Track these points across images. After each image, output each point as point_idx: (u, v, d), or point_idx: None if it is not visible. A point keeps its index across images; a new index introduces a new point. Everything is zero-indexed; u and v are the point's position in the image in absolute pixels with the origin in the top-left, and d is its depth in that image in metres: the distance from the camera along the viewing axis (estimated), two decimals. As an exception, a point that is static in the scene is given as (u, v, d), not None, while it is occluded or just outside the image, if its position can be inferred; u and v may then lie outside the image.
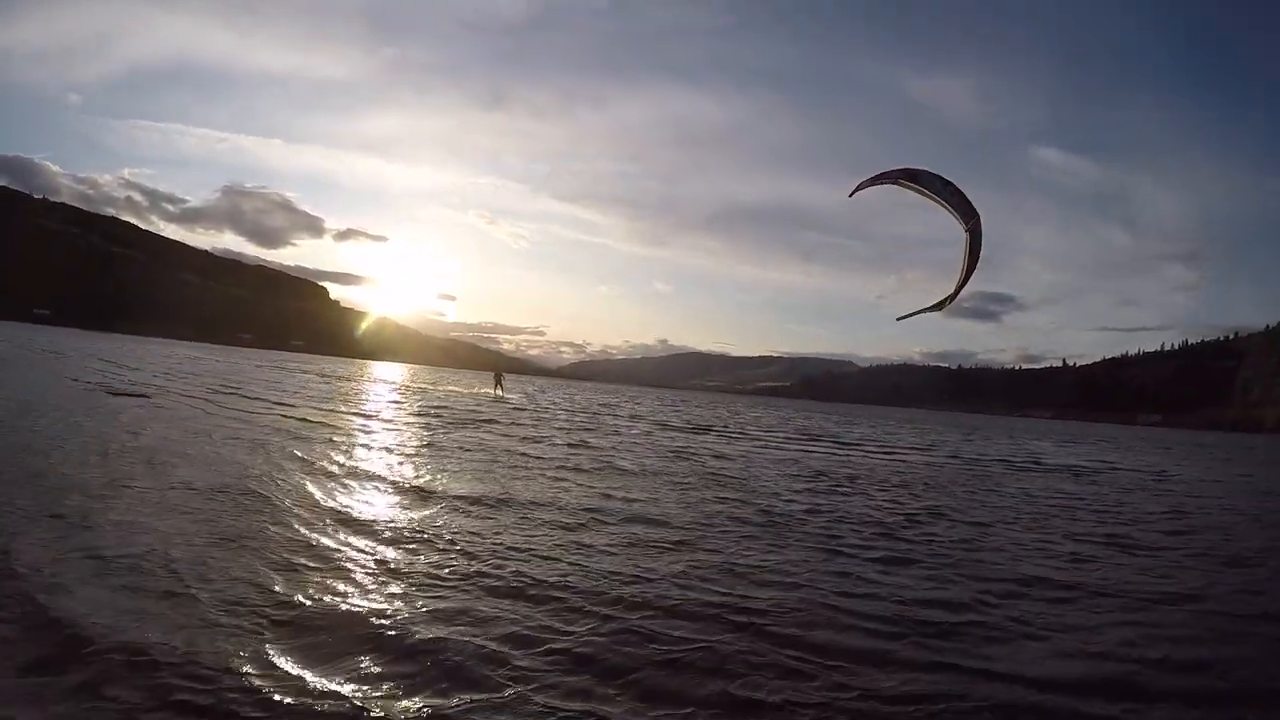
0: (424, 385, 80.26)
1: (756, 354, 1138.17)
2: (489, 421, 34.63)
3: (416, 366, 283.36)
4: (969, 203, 13.04)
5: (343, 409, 34.90)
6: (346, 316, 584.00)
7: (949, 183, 13.05)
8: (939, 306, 14.12)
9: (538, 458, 21.54)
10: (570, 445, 26.51)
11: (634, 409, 67.53)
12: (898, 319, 14.94)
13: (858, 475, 24.94)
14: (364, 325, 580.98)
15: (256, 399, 33.38)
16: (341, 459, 17.45)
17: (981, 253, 13.29)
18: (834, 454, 34.13)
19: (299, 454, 17.45)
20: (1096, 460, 43.49)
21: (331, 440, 20.72)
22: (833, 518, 15.28)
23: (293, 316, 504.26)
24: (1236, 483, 35.54)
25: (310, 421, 26.24)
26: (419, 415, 35.22)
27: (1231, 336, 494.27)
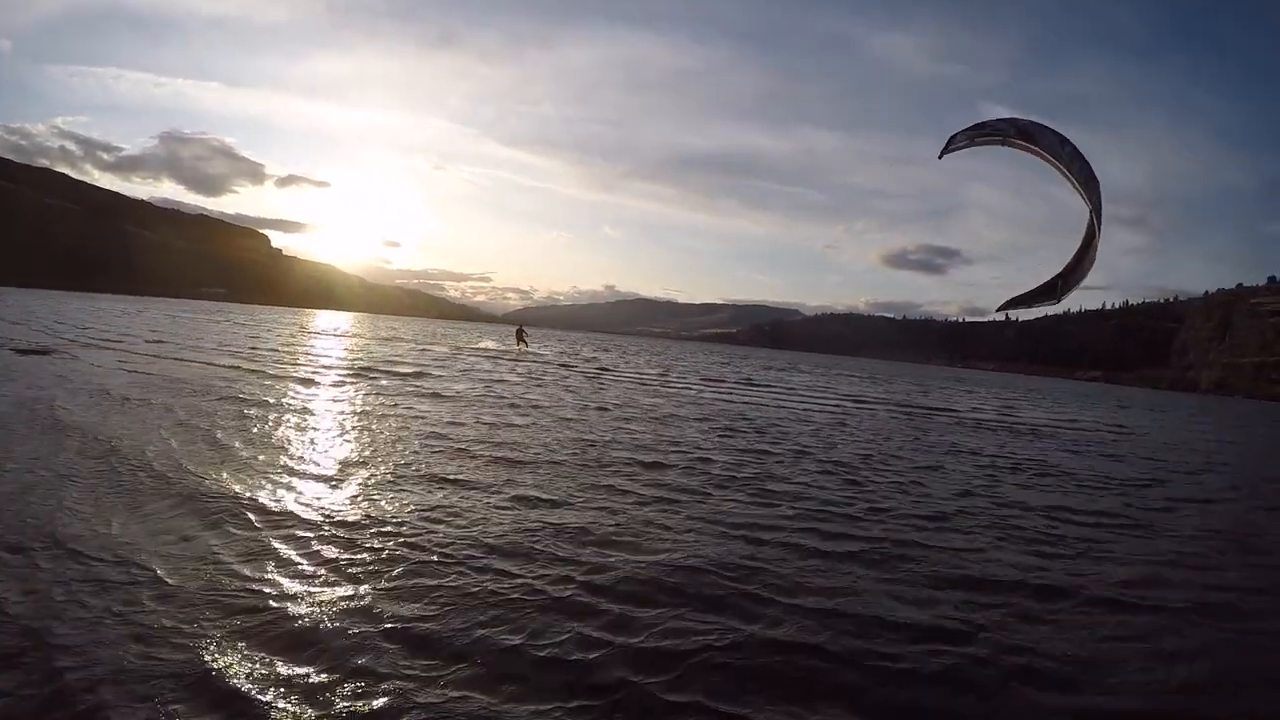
0: (425, 344, 66.91)
1: (704, 301, 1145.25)
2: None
3: (361, 315, 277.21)
4: (1091, 170, 10.75)
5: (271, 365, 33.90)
6: (289, 265, 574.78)
7: (1068, 142, 10.76)
8: (1052, 297, 11.65)
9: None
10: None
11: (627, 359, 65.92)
12: (998, 309, 12.34)
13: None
14: (307, 273, 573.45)
15: (166, 356, 31.31)
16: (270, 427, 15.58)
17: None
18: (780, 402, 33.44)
19: (188, 418, 15.84)
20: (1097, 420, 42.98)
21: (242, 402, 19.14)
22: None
23: (234, 266, 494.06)
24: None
25: (229, 378, 24.92)
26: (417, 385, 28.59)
27: (1172, 300, 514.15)
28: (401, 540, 8.26)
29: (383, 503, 9.93)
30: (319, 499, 9.90)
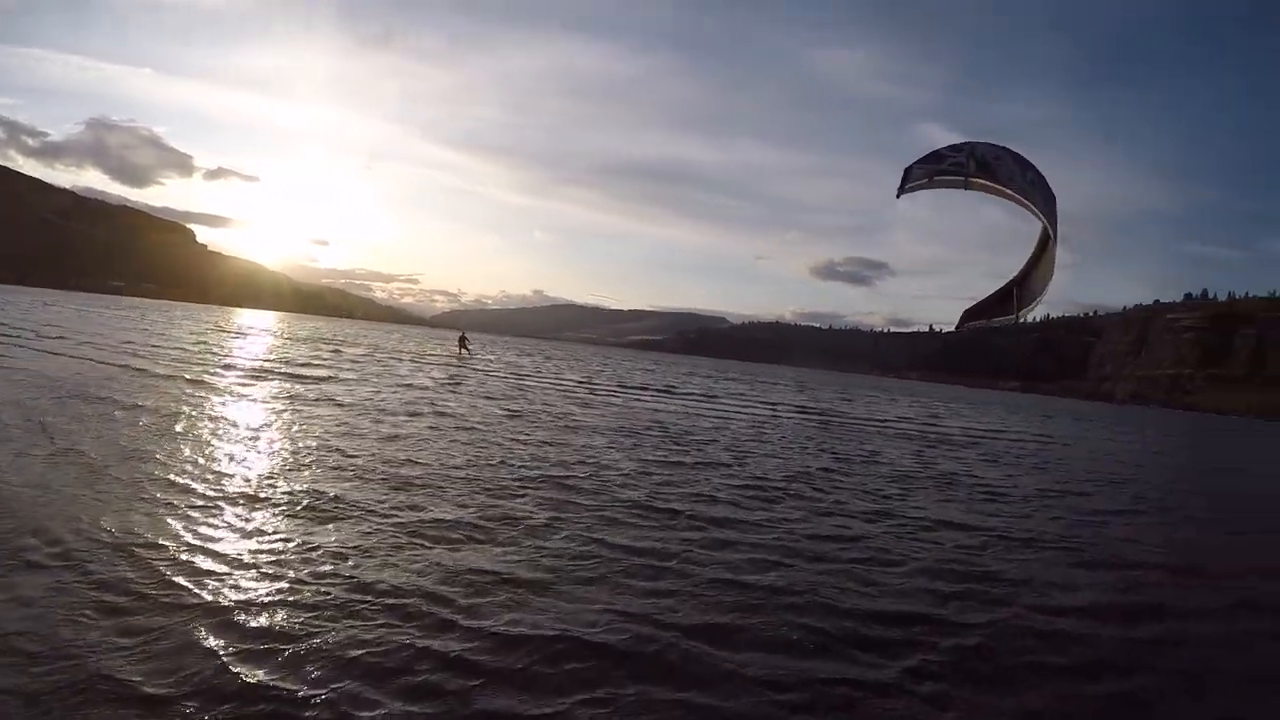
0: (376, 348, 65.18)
1: (633, 307, 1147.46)
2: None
3: (286, 315, 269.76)
4: (1049, 190, 10.16)
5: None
6: (214, 261, 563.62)
7: (1030, 167, 9.92)
8: (1010, 314, 11.64)
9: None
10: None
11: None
12: (958, 326, 12.19)
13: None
14: (232, 270, 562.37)
15: (58, 353, 29.44)
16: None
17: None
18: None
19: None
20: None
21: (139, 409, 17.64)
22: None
23: (157, 261, 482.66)
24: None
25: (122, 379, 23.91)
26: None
27: (1091, 315, 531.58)
28: (246, 589, 6.90)
29: (230, 539, 8.37)
30: (156, 531, 8.36)
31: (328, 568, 7.63)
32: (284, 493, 10.57)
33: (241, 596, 6.65)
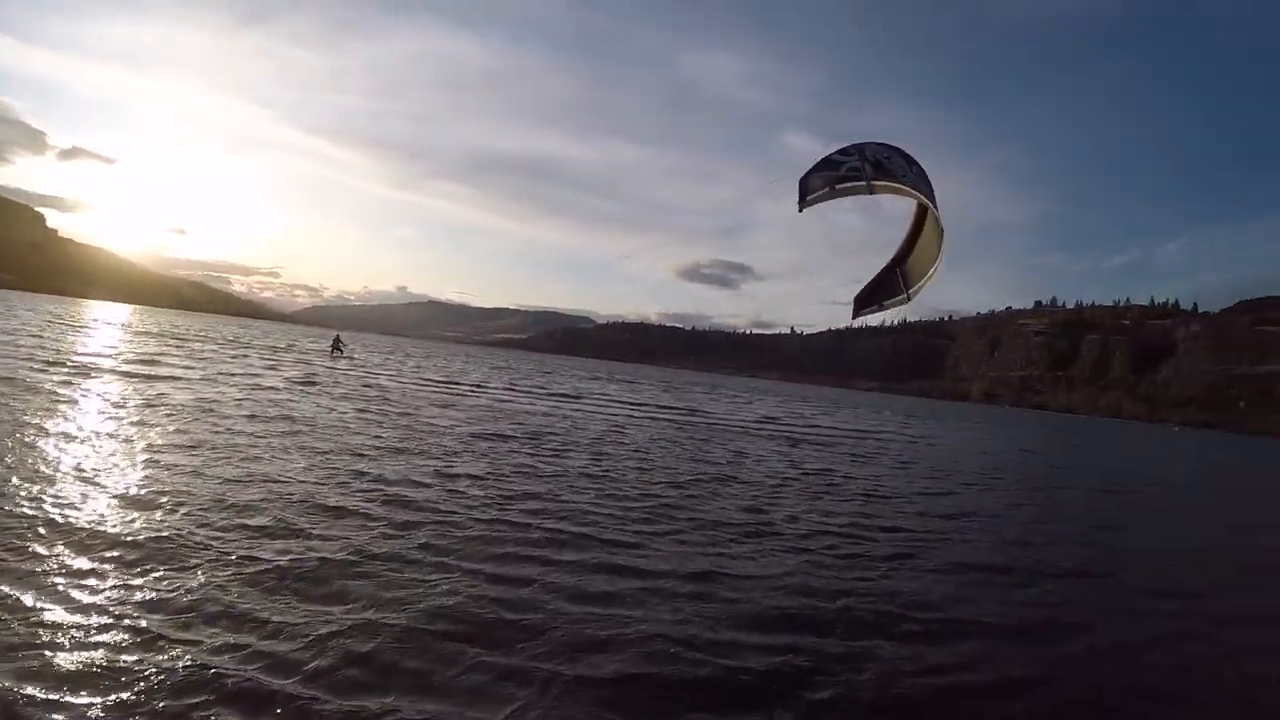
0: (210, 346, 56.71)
1: (497, 305, 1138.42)
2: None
3: (139, 309, 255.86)
4: (929, 180, 9.97)
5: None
6: (64, 248, 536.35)
7: (914, 161, 9.81)
8: (904, 298, 10.97)
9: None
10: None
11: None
12: (854, 316, 11.18)
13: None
14: (84, 259, 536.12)
15: None
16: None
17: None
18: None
19: None
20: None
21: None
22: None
23: (2, 247, 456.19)
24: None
25: None
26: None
27: (947, 319, 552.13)
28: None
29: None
30: None
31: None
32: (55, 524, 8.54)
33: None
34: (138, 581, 7.00)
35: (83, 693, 5.09)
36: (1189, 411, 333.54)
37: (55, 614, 6.12)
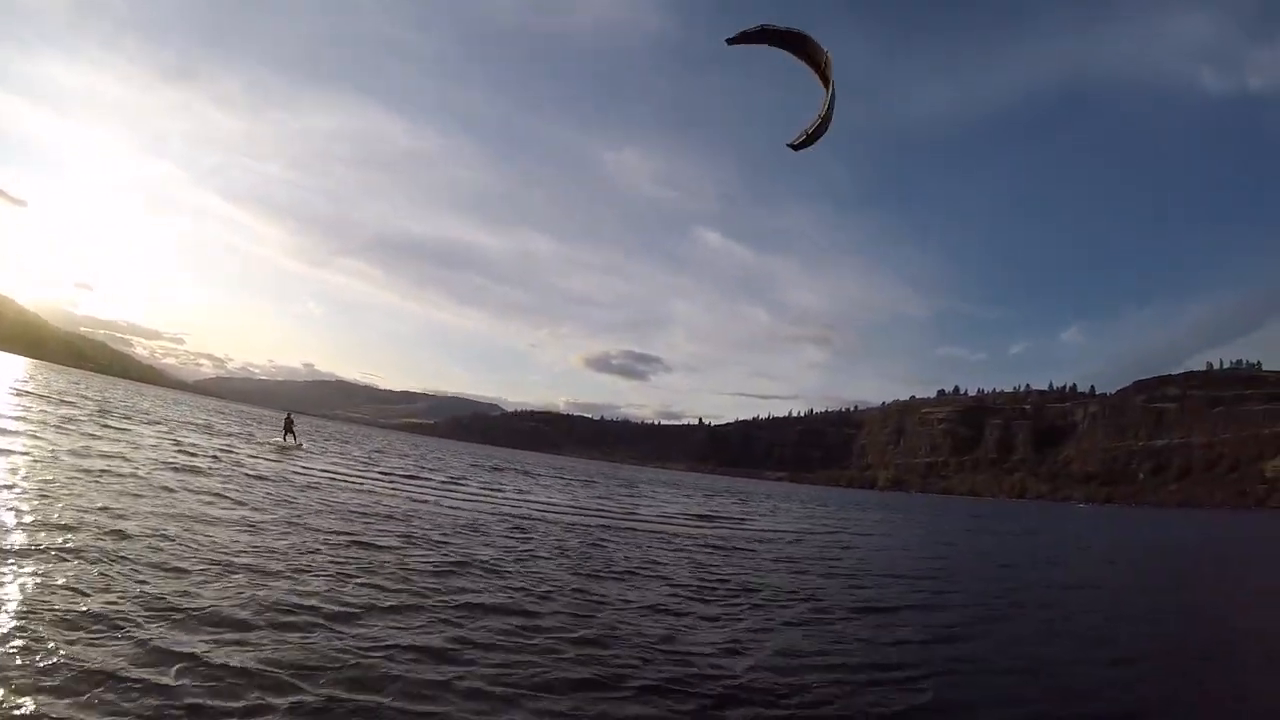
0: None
1: (404, 389, 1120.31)
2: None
3: (38, 363, 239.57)
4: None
5: None
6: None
7: (824, 50, 12.83)
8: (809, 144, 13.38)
9: None
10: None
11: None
12: (791, 144, 13.40)
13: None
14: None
15: None
16: None
17: None
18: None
19: None
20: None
21: None
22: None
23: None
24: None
25: None
26: None
27: (851, 409, 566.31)
28: None
29: None
30: None
31: None
32: None
33: None
34: None
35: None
36: (1090, 488, 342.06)
37: None
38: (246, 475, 27.00)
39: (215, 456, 32.16)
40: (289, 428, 50.50)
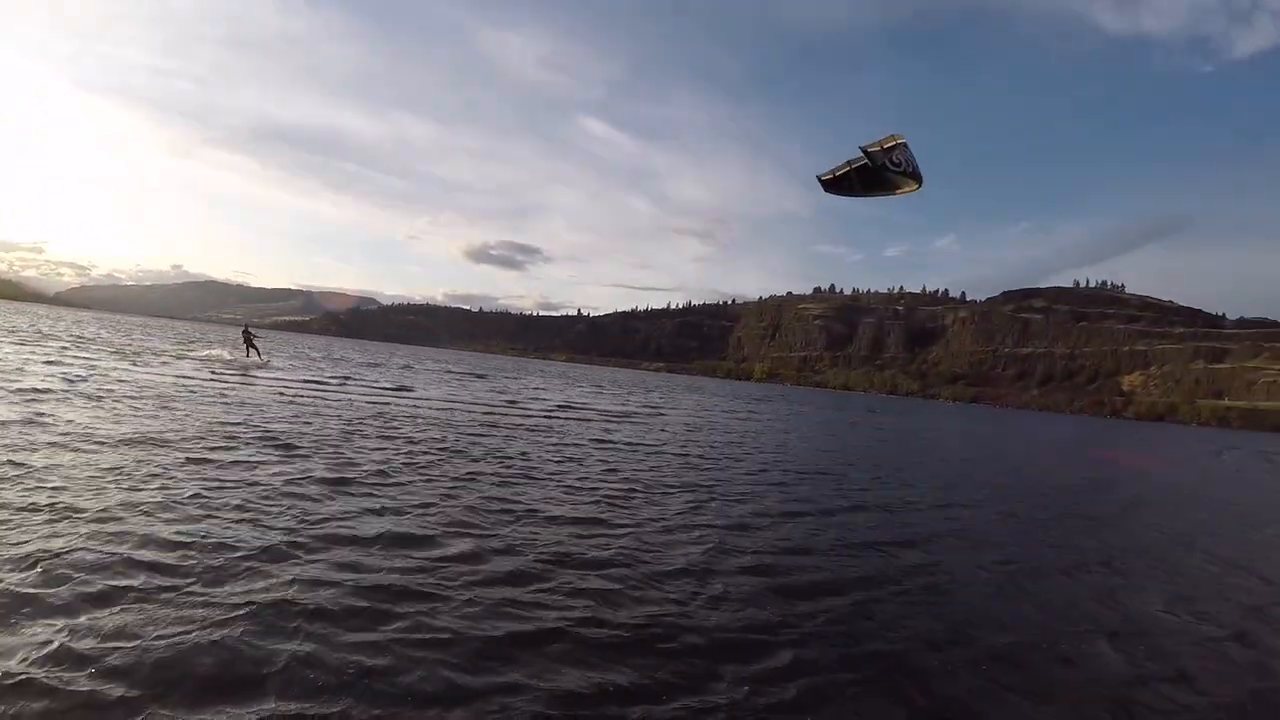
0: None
1: (279, 286, 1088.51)
2: None
3: None
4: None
5: None
6: None
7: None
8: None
9: None
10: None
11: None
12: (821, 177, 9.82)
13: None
14: None
15: None
16: None
17: None
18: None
19: None
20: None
21: None
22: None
23: None
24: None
25: None
26: None
27: (730, 302, 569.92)
28: None
29: None
30: None
31: None
32: None
33: None
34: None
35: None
36: (958, 388, 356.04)
37: None
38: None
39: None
40: (249, 341, 46.08)
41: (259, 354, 45.74)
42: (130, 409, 16.94)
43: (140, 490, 9.68)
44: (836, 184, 9.49)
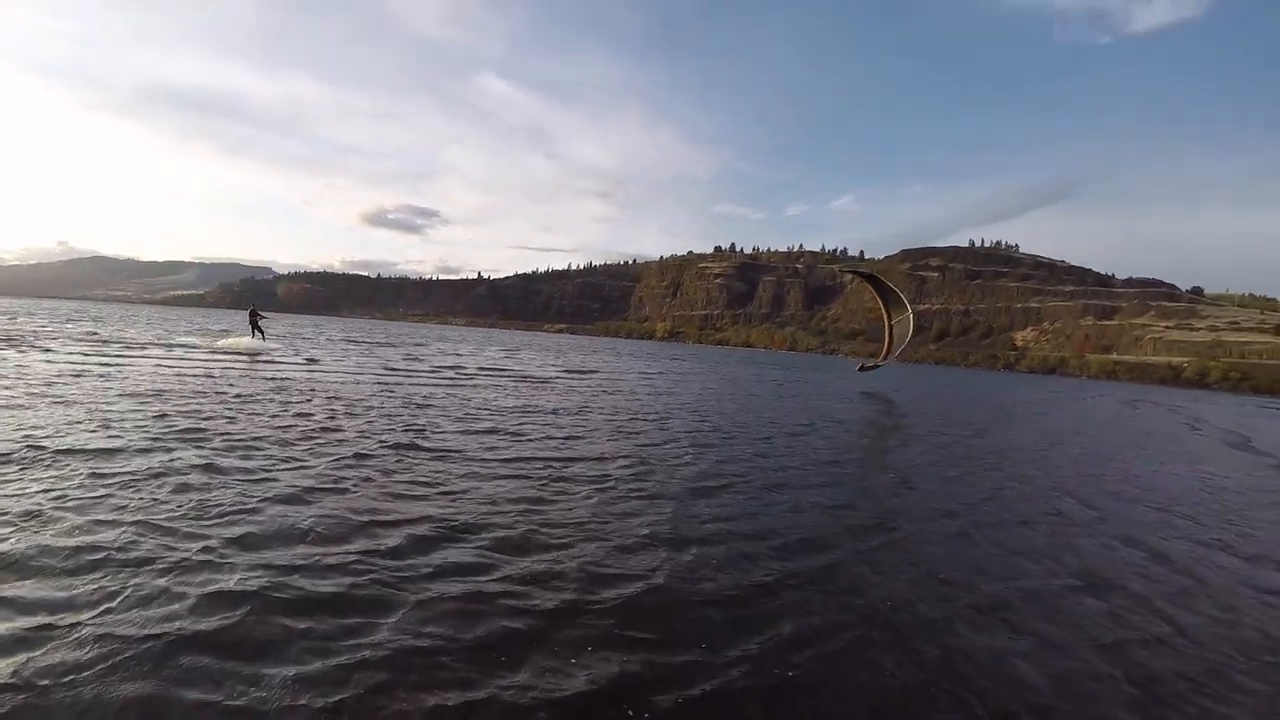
0: None
1: (170, 259, 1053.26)
2: None
3: None
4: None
5: None
6: None
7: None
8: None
9: None
10: None
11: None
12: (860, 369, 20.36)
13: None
14: None
15: None
16: None
17: None
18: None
19: None
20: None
21: None
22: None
23: None
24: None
25: None
26: None
27: (631, 262, 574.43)
28: None
29: None
30: None
31: None
32: None
33: None
34: None
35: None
36: (856, 344, 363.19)
37: None
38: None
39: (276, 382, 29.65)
40: (255, 323, 43.21)
41: (262, 335, 43.09)
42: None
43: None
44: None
